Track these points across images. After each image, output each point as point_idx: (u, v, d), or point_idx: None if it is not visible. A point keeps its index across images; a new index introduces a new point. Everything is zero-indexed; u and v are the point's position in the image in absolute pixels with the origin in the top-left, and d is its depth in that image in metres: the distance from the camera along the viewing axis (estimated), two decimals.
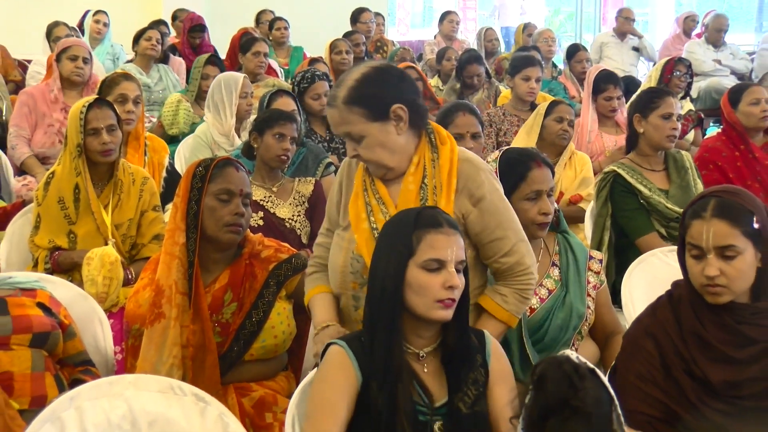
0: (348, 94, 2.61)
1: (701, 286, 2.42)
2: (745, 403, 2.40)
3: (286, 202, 4.18)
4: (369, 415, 2.25)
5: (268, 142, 4.20)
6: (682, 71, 6.47)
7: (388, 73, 2.70)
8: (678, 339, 2.44)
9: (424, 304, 2.27)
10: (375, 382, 2.24)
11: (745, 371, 2.40)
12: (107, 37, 8.89)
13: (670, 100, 4.23)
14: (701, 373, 2.41)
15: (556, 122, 4.91)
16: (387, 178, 2.69)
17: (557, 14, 16.74)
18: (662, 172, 4.24)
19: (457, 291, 2.29)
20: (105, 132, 3.85)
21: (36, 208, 3.91)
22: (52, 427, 2.35)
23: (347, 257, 2.64)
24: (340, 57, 7.64)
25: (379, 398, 2.23)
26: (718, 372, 2.40)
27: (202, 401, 2.49)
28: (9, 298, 2.87)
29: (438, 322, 2.31)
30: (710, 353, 2.42)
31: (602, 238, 4.11)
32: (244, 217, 2.96)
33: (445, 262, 2.27)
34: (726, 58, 9.39)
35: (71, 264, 3.78)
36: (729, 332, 2.42)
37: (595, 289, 3.04)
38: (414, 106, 2.66)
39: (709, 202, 2.42)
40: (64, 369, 2.92)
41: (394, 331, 2.26)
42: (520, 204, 2.94)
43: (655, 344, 2.46)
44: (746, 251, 2.38)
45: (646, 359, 2.46)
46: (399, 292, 2.27)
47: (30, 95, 5.79)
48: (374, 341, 2.27)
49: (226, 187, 2.95)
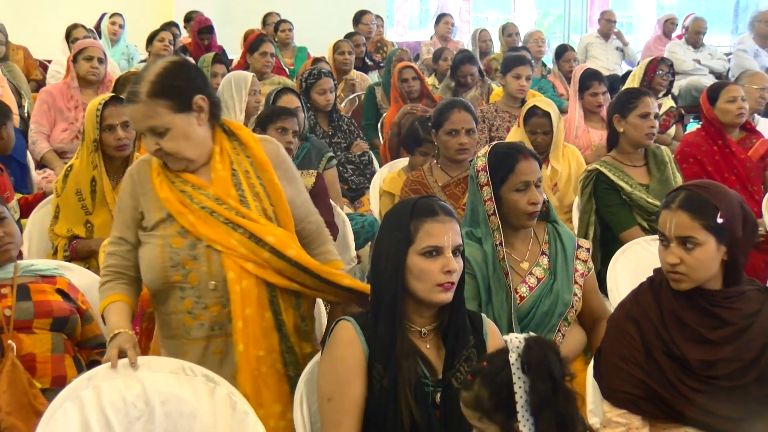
0: (151, 88, 2.55)
1: (666, 272, 2.45)
2: (719, 382, 2.41)
3: None
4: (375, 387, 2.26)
5: (272, 137, 4.18)
6: (664, 70, 6.48)
7: (186, 66, 2.69)
8: (658, 322, 2.45)
9: (424, 288, 2.29)
10: (381, 357, 2.26)
11: (719, 351, 2.42)
12: (122, 38, 8.89)
13: (647, 100, 4.23)
14: (680, 353, 2.42)
15: (531, 134, 4.85)
16: (188, 170, 2.63)
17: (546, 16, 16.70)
18: (643, 168, 4.24)
19: (455, 274, 2.30)
20: (120, 128, 3.85)
21: (55, 199, 3.91)
22: (72, 405, 2.36)
23: (164, 253, 2.57)
24: (342, 57, 7.63)
25: (385, 372, 2.25)
26: (695, 352, 2.42)
27: (212, 382, 2.49)
28: (31, 285, 2.88)
29: (439, 304, 2.33)
30: (688, 334, 2.43)
31: (587, 232, 4.12)
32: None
33: (443, 248, 2.29)
34: (705, 58, 9.41)
35: (88, 252, 3.78)
36: (704, 315, 2.44)
37: (583, 277, 3.03)
38: (212, 97, 2.65)
39: (679, 194, 2.45)
40: (82, 351, 2.92)
41: (397, 312, 2.28)
42: (510, 195, 2.94)
43: (637, 327, 2.47)
44: (707, 243, 2.39)
45: (629, 342, 2.47)
46: (401, 278, 2.29)
47: (49, 93, 5.79)
48: (379, 322, 2.29)
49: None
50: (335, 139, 5.53)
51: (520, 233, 3.02)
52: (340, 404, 2.26)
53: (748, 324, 2.43)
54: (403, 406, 2.22)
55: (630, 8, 15.76)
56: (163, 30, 7.77)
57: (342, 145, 5.54)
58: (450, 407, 2.26)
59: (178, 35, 8.75)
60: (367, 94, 6.99)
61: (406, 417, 2.22)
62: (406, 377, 2.24)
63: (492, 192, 2.95)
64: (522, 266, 2.99)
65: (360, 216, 4.77)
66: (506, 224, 2.97)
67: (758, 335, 2.42)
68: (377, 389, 2.26)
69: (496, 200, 2.94)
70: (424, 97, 6.37)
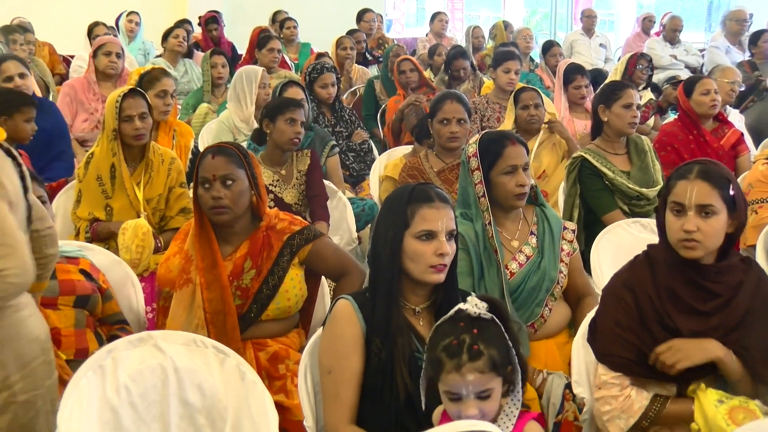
0: None
1: (678, 241, 2.41)
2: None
3: (290, 185, 4.16)
4: (373, 360, 2.26)
5: (281, 127, 4.17)
6: (644, 65, 6.48)
7: None
8: (653, 293, 2.44)
9: (418, 269, 2.28)
10: (378, 333, 2.26)
11: (708, 322, 2.42)
12: (139, 34, 8.86)
13: (630, 92, 4.23)
14: (672, 324, 2.41)
15: (523, 110, 4.95)
16: None
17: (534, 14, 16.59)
18: (624, 156, 4.23)
19: (448, 257, 2.29)
20: (137, 119, 3.85)
21: (77, 184, 3.91)
22: (94, 375, 2.37)
23: None
24: (345, 52, 7.63)
25: (382, 347, 2.24)
26: (687, 323, 2.41)
27: (222, 353, 2.49)
28: (56, 265, 2.87)
29: (431, 284, 2.32)
30: (680, 307, 2.42)
31: (572, 214, 4.11)
32: (226, 198, 2.87)
33: (436, 232, 2.28)
34: (681, 54, 9.43)
35: (108, 234, 3.77)
36: (696, 288, 2.43)
37: (569, 256, 3.03)
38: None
39: (694, 167, 2.42)
40: (103, 327, 2.93)
41: (393, 291, 2.28)
42: (499, 178, 2.94)
43: (633, 296, 2.45)
44: (721, 213, 2.38)
45: (624, 309, 2.45)
46: (397, 259, 2.28)
47: (71, 86, 5.78)
48: (376, 300, 2.28)
49: (202, 175, 2.90)
50: (337, 129, 5.51)
51: (511, 214, 3.02)
52: (340, 376, 2.26)
53: (733, 295, 2.43)
54: (399, 379, 2.22)
55: (612, 7, 15.75)
56: (177, 27, 7.73)
57: (344, 134, 5.52)
58: None
59: (191, 32, 8.71)
60: (367, 86, 6.97)
61: (401, 389, 2.22)
62: (401, 351, 2.24)
63: (482, 176, 2.95)
64: (512, 244, 2.99)
65: (361, 200, 4.76)
66: (497, 206, 2.97)
67: (741, 304, 2.42)
68: (374, 363, 2.26)
69: (487, 184, 2.94)
70: (423, 86, 6.36)
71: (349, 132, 5.60)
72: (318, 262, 2.99)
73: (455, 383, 1.98)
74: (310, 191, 4.15)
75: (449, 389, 1.99)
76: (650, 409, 2.41)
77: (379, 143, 6.19)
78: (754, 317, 2.41)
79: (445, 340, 2.01)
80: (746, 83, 6.67)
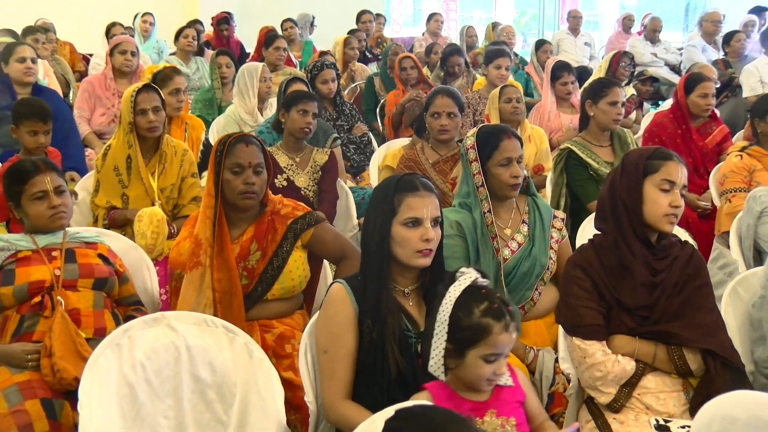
0: None
1: (663, 216, 2.46)
2: (652, 321, 2.47)
3: (304, 172, 4.15)
4: (365, 339, 2.25)
5: (294, 117, 4.18)
6: (626, 62, 6.47)
7: None
8: (601, 271, 2.48)
9: (406, 254, 2.27)
10: (369, 314, 2.24)
11: (651, 295, 2.46)
12: (153, 34, 8.82)
13: (616, 90, 4.22)
14: (619, 297, 2.46)
15: (506, 103, 4.93)
16: None
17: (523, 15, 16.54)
18: (608, 148, 4.22)
19: (433, 242, 2.28)
20: (151, 112, 3.85)
21: (96, 174, 3.90)
22: (111, 352, 2.37)
23: None
24: (352, 51, 7.71)
25: (373, 326, 2.23)
26: (634, 297, 2.46)
27: (231, 332, 2.49)
28: (76, 249, 2.87)
29: (418, 268, 2.31)
30: (627, 282, 2.46)
31: (559, 202, 4.11)
32: (256, 184, 2.90)
33: (422, 219, 2.26)
34: (660, 52, 9.43)
35: (124, 221, 3.76)
36: (644, 265, 2.47)
37: (558, 243, 3.02)
38: None
39: (672, 152, 2.52)
40: (120, 307, 2.92)
41: (383, 275, 2.26)
42: (495, 169, 2.93)
43: (584, 272, 2.49)
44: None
45: (579, 284, 2.48)
46: (386, 245, 2.27)
47: (90, 83, 5.76)
48: (367, 283, 2.27)
49: (236, 161, 2.89)
50: (339, 122, 5.50)
51: (505, 204, 3.01)
52: (335, 355, 2.25)
53: (671, 266, 2.49)
54: (390, 356, 2.21)
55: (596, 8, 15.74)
56: (187, 27, 7.70)
57: (345, 128, 5.51)
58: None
59: (202, 31, 8.67)
60: (366, 83, 6.95)
61: (392, 365, 2.21)
62: (392, 330, 2.23)
63: (480, 167, 2.93)
64: (505, 232, 2.98)
65: (361, 189, 4.76)
66: (492, 195, 2.95)
67: (676, 274, 2.48)
68: (367, 342, 2.25)
69: (484, 174, 2.93)
70: (421, 83, 6.33)
71: (350, 125, 5.59)
72: (319, 246, 2.98)
73: (503, 343, 1.99)
74: (322, 185, 4.14)
75: (494, 351, 1.98)
76: (636, 370, 2.44)
77: (378, 136, 6.17)
78: (685, 287, 2.48)
79: (480, 305, 2.00)
80: (720, 80, 6.66)
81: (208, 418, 2.43)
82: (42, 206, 2.83)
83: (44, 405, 2.49)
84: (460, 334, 2.01)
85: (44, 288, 2.73)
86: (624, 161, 2.57)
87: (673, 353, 2.44)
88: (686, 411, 2.44)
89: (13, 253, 2.79)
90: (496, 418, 2.03)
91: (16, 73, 4.99)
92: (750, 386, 2.48)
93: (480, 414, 2.03)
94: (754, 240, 3.53)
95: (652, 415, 2.42)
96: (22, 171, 2.87)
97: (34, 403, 2.48)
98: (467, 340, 2.00)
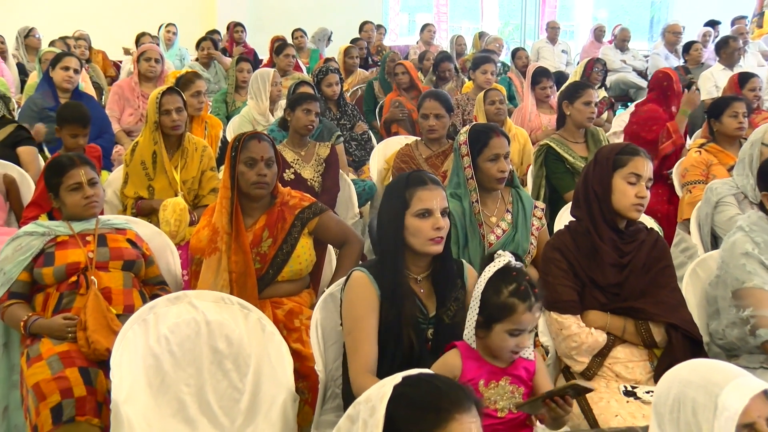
0: None
1: (631, 206, 2.46)
2: (621, 298, 2.49)
3: (309, 165, 4.15)
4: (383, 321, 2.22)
5: (298, 116, 4.17)
6: (599, 68, 6.45)
7: None
8: (576, 253, 2.49)
9: (419, 242, 2.24)
10: (387, 298, 2.22)
11: (620, 275, 2.47)
12: (175, 42, 8.81)
13: (590, 91, 4.22)
14: (593, 276, 2.47)
15: (491, 105, 4.92)
16: None
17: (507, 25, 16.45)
18: (583, 144, 4.22)
19: (444, 230, 2.25)
20: (174, 112, 3.84)
21: (124, 168, 3.89)
22: (139, 327, 2.39)
23: None
24: (352, 60, 7.66)
25: (391, 311, 2.21)
26: (605, 277, 2.47)
27: (246, 309, 2.49)
28: (108, 235, 2.88)
29: (431, 255, 2.28)
30: (598, 263, 2.47)
31: (539, 193, 4.10)
32: (267, 176, 2.89)
33: (432, 210, 2.24)
34: (629, 59, 9.47)
35: (150, 209, 3.75)
36: (614, 248, 2.48)
37: (538, 231, 3.02)
38: None
39: (639, 149, 2.52)
40: (146, 287, 2.91)
41: (398, 263, 2.24)
42: (484, 164, 2.93)
43: (561, 254, 2.50)
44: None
45: (557, 265, 2.49)
46: (400, 235, 2.23)
47: (119, 86, 5.77)
48: (384, 271, 2.24)
49: (250, 155, 2.88)
50: (342, 121, 5.48)
51: (491, 194, 3.00)
52: (359, 334, 2.20)
53: (638, 250, 2.50)
54: (405, 337, 2.19)
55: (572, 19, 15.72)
56: (204, 40, 7.70)
57: (347, 126, 5.49)
58: (439, 340, 2.23)
59: (220, 40, 8.65)
60: (367, 86, 6.94)
61: (406, 344, 2.19)
62: (408, 313, 2.20)
63: (470, 161, 2.93)
64: (491, 220, 2.97)
65: (362, 181, 4.75)
66: (480, 187, 2.95)
67: (642, 257, 2.50)
68: (384, 323, 2.22)
69: (474, 168, 2.93)
70: (414, 89, 6.30)
71: (352, 124, 5.57)
72: (323, 232, 2.98)
73: (526, 321, 2.00)
74: (325, 178, 4.13)
75: (517, 327, 1.99)
76: (607, 342, 2.46)
77: (377, 134, 6.16)
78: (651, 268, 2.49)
79: (509, 286, 2.00)
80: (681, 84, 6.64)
81: (225, 386, 2.44)
82: (77, 196, 2.84)
83: (81, 372, 2.51)
84: (489, 310, 2.02)
85: (80, 269, 2.73)
86: (596, 156, 2.56)
87: (641, 327, 2.45)
88: (651, 378, 2.45)
89: (53, 238, 2.79)
90: (509, 384, 2.04)
91: (59, 79, 5.01)
92: (705, 355, 2.49)
93: (497, 378, 2.04)
94: (711, 227, 3.54)
95: (621, 382, 2.43)
96: (60, 165, 2.89)
97: (72, 370, 2.50)
98: (495, 316, 2.01)
